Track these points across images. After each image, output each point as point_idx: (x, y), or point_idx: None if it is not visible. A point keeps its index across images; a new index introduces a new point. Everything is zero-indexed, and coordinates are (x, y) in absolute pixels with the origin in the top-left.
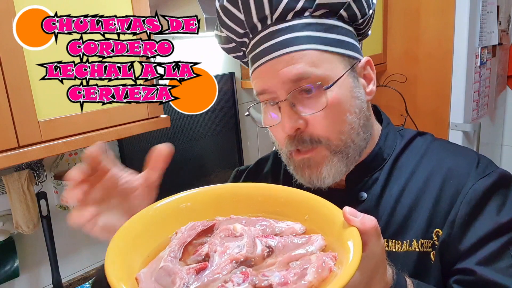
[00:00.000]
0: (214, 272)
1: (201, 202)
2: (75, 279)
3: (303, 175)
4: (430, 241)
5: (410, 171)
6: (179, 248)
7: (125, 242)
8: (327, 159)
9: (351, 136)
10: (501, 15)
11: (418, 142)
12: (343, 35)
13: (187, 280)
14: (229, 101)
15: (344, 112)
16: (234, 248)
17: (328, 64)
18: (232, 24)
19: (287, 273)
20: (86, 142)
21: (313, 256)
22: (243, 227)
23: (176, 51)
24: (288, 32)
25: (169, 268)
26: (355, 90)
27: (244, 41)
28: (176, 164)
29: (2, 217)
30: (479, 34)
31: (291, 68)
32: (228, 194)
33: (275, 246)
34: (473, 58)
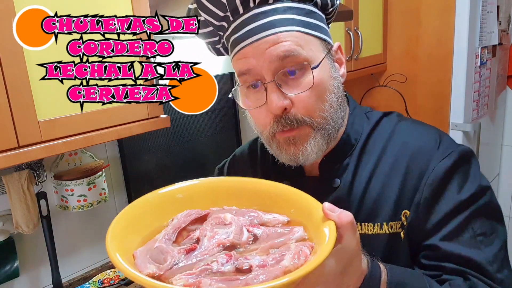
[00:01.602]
0: (202, 253)
1: (196, 193)
2: (75, 279)
3: (288, 152)
4: (399, 222)
5: (377, 155)
6: (174, 232)
7: (125, 224)
8: (311, 136)
9: (331, 114)
10: (501, 15)
11: (384, 124)
12: (319, 21)
13: (177, 258)
14: (229, 101)
15: (325, 92)
16: (222, 234)
17: (311, 46)
18: (212, 7)
19: (267, 257)
20: (86, 142)
21: (292, 244)
22: (233, 216)
23: (176, 51)
24: (271, 14)
25: (163, 248)
26: (333, 71)
27: (223, 25)
28: (176, 164)
29: (2, 217)
30: (479, 34)
31: (279, 46)
32: (222, 187)
33: (260, 235)
34: (473, 58)
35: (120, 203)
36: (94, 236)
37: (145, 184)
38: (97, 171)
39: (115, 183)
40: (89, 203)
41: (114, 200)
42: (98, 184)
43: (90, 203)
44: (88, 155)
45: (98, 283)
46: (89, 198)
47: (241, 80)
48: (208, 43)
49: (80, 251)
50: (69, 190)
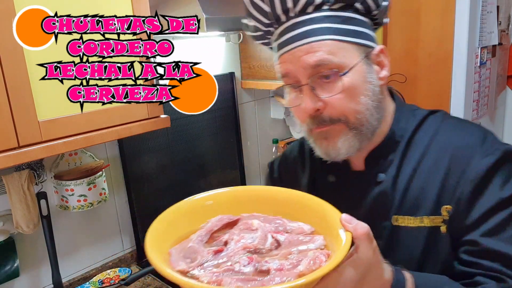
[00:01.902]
0: (228, 255)
1: (224, 201)
2: (75, 279)
3: (321, 146)
4: (440, 217)
5: (422, 151)
6: (206, 234)
7: (160, 229)
8: (343, 133)
9: (366, 115)
10: (501, 15)
11: (429, 121)
12: (359, 26)
13: (206, 258)
14: (229, 101)
15: (358, 95)
16: (248, 238)
17: (344, 53)
18: (259, 15)
19: (285, 262)
20: (86, 142)
21: (311, 252)
22: (260, 223)
23: (176, 51)
24: (308, 24)
25: (195, 248)
26: (369, 75)
27: (270, 30)
28: (176, 164)
29: (2, 217)
30: (479, 34)
31: (311, 56)
32: (250, 196)
33: (282, 241)
34: (473, 58)
35: (120, 203)
36: (94, 236)
37: (145, 184)
38: (97, 171)
39: (115, 183)
40: (89, 203)
41: (114, 200)
42: (98, 184)
43: (90, 203)
44: (88, 155)
45: (98, 283)
46: (89, 198)
47: (283, 80)
48: (262, 43)
49: (80, 251)
50: (69, 190)
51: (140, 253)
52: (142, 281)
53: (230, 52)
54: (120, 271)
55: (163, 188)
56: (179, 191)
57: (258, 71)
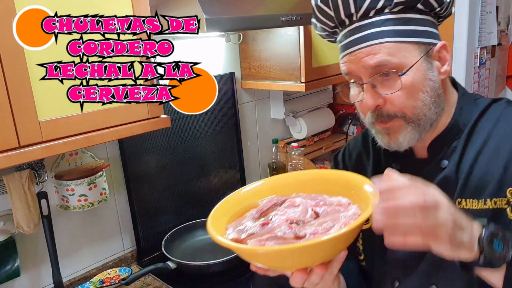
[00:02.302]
0: (273, 226)
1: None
2: (76, 278)
3: (383, 140)
4: (505, 199)
5: (484, 137)
6: (257, 212)
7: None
8: (403, 127)
9: (423, 110)
10: (500, 16)
11: (492, 109)
12: (419, 26)
13: (255, 230)
14: (229, 101)
15: (417, 92)
16: (291, 213)
17: (404, 53)
18: (325, 19)
19: (319, 228)
20: (87, 142)
21: (343, 218)
22: (302, 200)
23: (176, 51)
24: (369, 28)
25: (246, 223)
26: (428, 72)
27: (335, 31)
28: (176, 164)
29: (3, 217)
30: (479, 35)
31: (372, 58)
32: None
33: (320, 212)
34: (472, 58)
35: (121, 203)
36: (95, 236)
37: (145, 184)
38: (98, 171)
39: (116, 183)
40: (89, 203)
41: (114, 200)
42: (98, 184)
43: (90, 203)
44: (89, 155)
45: (98, 283)
46: (89, 198)
47: (346, 78)
48: (329, 41)
49: (81, 250)
50: (70, 190)
51: (141, 253)
52: (143, 281)
53: (230, 52)
54: (121, 270)
55: (163, 188)
56: (179, 191)
57: (258, 71)
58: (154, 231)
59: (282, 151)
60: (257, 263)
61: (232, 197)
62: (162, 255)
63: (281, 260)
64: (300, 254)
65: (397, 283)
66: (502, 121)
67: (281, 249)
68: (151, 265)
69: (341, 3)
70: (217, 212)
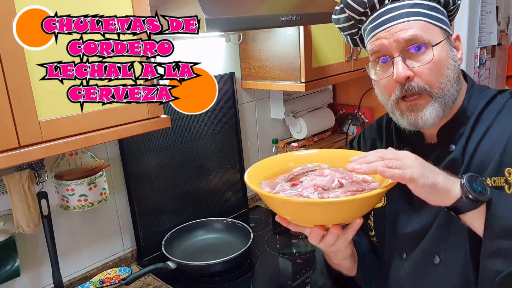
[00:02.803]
0: (302, 187)
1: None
2: (76, 278)
3: (409, 119)
4: (503, 178)
5: (488, 124)
6: (289, 175)
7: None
8: (430, 103)
9: (448, 86)
10: (500, 16)
11: (497, 100)
12: (441, 15)
13: (284, 188)
14: (229, 101)
15: (443, 67)
16: (318, 180)
17: (432, 33)
18: (356, 5)
19: (342, 194)
20: (87, 142)
21: (364, 190)
22: (331, 171)
23: (176, 51)
24: (401, 8)
25: (278, 182)
26: (450, 53)
27: (362, 19)
28: (176, 164)
29: (3, 217)
30: (479, 35)
31: (405, 32)
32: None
33: (345, 184)
34: (473, 58)
35: (121, 203)
36: (95, 236)
37: (145, 184)
38: (98, 171)
39: (116, 183)
40: (89, 203)
41: (114, 200)
42: (98, 184)
43: (90, 203)
44: (89, 155)
45: (98, 283)
46: (89, 198)
47: (373, 57)
48: (347, 34)
49: (81, 250)
50: (70, 190)
51: (141, 253)
52: (143, 281)
53: (230, 52)
54: (121, 270)
55: (163, 188)
56: (179, 191)
57: (258, 71)
58: (154, 231)
59: (282, 151)
60: (283, 214)
61: (269, 160)
62: (162, 255)
63: (303, 212)
64: (320, 210)
65: (405, 254)
66: (504, 112)
67: (306, 201)
68: (151, 265)
69: None
70: (253, 170)
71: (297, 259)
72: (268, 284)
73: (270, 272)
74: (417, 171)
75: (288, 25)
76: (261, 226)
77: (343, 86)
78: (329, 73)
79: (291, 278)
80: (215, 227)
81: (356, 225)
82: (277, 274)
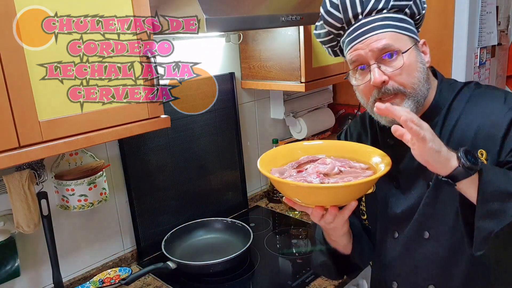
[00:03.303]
0: (306, 173)
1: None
2: (76, 278)
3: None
4: None
5: (459, 113)
6: (295, 163)
7: (267, 159)
8: (404, 101)
9: (419, 86)
10: (500, 16)
11: (464, 91)
12: (408, 25)
13: (291, 173)
14: (229, 101)
15: (413, 70)
16: (321, 167)
17: (402, 41)
18: (333, 21)
19: (340, 180)
20: (87, 142)
21: (359, 177)
22: (332, 160)
23: (176, 51)
24: (374, 22)
25: (286, 169)
26: (419, 57)
27: (340, 33)
28: (176, 164)
29: (3, 217)
30: (479, 35)
31: (378, 42)
32: (330, 146)
33: (344, 171)
34: (472, 58)
35: (121, 203)
36: (95, 236)
37: (145, 184)
38: (98, 171)
39: (116, 183)
40: (89, 203)
41: (114, 200)
42: (98, 184)
43: (90, 203)
44: (89, 155)
45: (98, 283)
46: (89, 198)
47: (352, 66)
48: (328, 47)
49: (81, 250)
50: (70, 190)
51: (140, 253)
52: (143, 281)
53: (230, 52)
54: (121, 270)
55: (163, 188)
56: (179, 191)
57: (258, 71)
58: (154, 231)
59: None
60: (290, 196)
61: (280, 148)
62: (162, 255)
63: (306, 195)
64: (320, 193)
65: (396, 234)
66: (471, 101)
67: (308, 185)
68: (151, 265)
69: (350, 5)
70: (265, 158)
71: (297, 259)
72: (268, 284)
73: (270, 272)
74: (429, 135)
75: (288, 25)
76: (261, 226)
77: (343, 86)
78: (329, 73)
79: (291, 278)
80: (215, 227)
81: (351, 206)
82: (277, 274)
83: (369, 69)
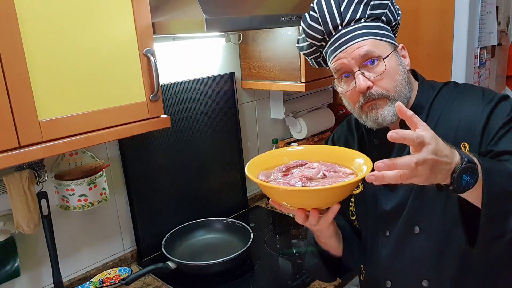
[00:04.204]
0: (291, 177)
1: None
2: (76, 278)
3: (371, 116)
4: None
5: (439, 112)
6: (283, 167)
7: (255, 165)
8: (387, 103)
9: (401, 89)
10: (500, 16)
11: (444, 91)
12: (386, 31)
13: (277, 177)
14: (229, 101)
15: (395, 74)
16: (306, 171)
17: (382, 47)
18: (315, 34)
19: (321, 184)
20: (87, 142)
21: (341, 182)
22: (318, 165)
23: (176, 51)
24: (354, 31)
25: (273, 172)
26: (399, 62)
27: (322, 44)
28: (176, 164)
29: (3, 217)
30: (478, 35)
31: (360, 50)
32: (318, 151)
33: (328, 175)
34: (472, 58)
35: (121, 203)
36: (95, 236)
37: (145, 184)
38: (98, 171)
39: (116, 183)
40: (89, 203)
41: (114, 200)
42: (98, 184)
43: (90, 203)
44: (89, 155)
45: (98, 283)
46: (89, 198)
47: (337, 74)
48: (312, 58)
49: (81, 250)
50: (70, 190)
51: (141, 253)
52: (143, 281)
53: (230, 52)
54: (121, 270)
55: (163, 188)
56: (179, 191)
57: (258, 71)
58: (154, 231)
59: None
60: (274, 198)
61: (268, 154)
62: (162, 255)
63: (286, 197)
64: (298, 196)
65: (387, 232)
66: (451, 100)
67: (286, 188)
68: (151, 265)
69: (329, 18)
70: (253, 163)
71: (297, 259)
72: (268, 284)
73: (270, 272)
74: (422, 179)
75: (288, 25)
76: (261, 226)
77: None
78: (329, 73)
79: (291, 278)
80: (215, 227)
81: (334, 209)
82: (277, 274)
83: (353, 76)
